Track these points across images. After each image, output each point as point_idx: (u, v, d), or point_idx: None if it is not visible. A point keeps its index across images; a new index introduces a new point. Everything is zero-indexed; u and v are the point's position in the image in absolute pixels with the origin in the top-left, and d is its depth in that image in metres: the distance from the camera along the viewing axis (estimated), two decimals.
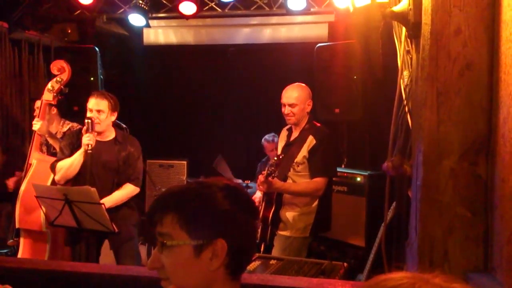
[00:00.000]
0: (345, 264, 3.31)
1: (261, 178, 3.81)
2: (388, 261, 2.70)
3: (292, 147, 3.97)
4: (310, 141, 3.87)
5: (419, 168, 1.89)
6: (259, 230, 4.13)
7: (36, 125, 4.34)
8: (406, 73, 2.28)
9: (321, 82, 5.43)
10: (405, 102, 2.24)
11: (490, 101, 1.83)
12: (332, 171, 4.00)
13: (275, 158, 3.76)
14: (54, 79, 4.38)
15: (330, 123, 5.61)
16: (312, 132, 3.91)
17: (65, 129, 4.75)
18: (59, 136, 4.67)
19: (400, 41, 2.25)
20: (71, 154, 3.82)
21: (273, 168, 3.72)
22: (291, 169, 3.92)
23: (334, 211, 4.38)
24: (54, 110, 4.70)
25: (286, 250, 3.91)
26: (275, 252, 3.96)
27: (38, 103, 4.46)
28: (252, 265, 3.23)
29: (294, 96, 3.91)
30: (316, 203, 3.93)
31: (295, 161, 3.89)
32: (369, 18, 1.99)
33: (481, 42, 1.83)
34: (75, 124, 4.84)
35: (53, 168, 3.87)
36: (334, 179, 4.96)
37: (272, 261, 3.36)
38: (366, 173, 4.89)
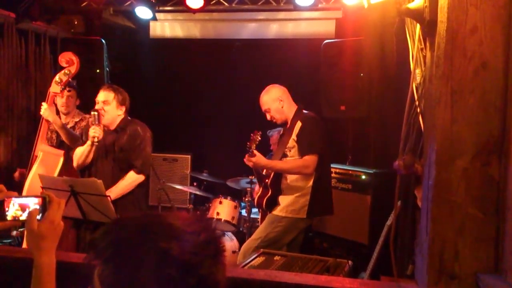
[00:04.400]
0: (350, 261, 3.31)
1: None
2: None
3: (284, 136, 4.19)
4: (297, 125, 4.05)
5: (432, 167, 1.87)
6: (260, 216, 4.25)
7: (44, 110, 4.29)
8: (418, 71, 2.26)
9: (327, 79, 5.43)
10: (417, 102, 2.23)
11: (504, 101, 1.82)
12: (320, 147, 4.03)
13: (251, 134, 3.94)
14: (62, 72, 4.34)
15: (336, 120, 5.62)
16: (299, 118, 4.09)
17: (77, 119, 4.74)
18: (70, 125, 4.67)
19: (413, 39, 2.24)
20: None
21: (248, 143, 3.91)
22: (284, 156, 4.09)
23: (338, 209, 4.38)
24: (78, 102, 4.74)
25: (272, 224, 4.03)
26: (260, 226, 4.14)
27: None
28: (256, 261, 3.23)
29: (262, 102, 4.18)
30: (310, 183, 4.03)
31: (287, 146, 4.06)
32: (384, 14, 1.98)
33: (497, 41, 1.81)
34: (87, 116, 4.84)
35: (72, 154, 3.98)
36: (338, 176, 4.99)
37: (276, 257, 3.37)
38: (371, 171, 4.88)
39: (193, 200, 5.97)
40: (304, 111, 4.15)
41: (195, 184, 5.87)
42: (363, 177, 4.89)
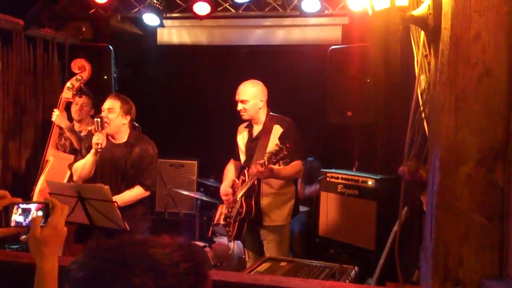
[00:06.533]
0: (356, 267, 3.31)
1: (259, 167, 3.70)
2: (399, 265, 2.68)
3: (259, 140, 4.09)
4: (277, 129, 4.03)
5: (436, 173, 1.88)
6: (236, 226, 4.06)
7: (56, 116, 4.43)
8: (423, 78, 2.27)
9: (334, 85, 5.43)
10: (421, 108, 2.23)
11: (508, 107, 1.82)
12: (305, 153, 4.21)
13: (287, 145, 3.55)
14: (74, 77, 4.45)
15: (342, 126, 5.62)
16: (275, 121, 4.08)
17: (90, 127, 4.78)
18: (83, 133, 4.71)
19: (418, 46, 2.25)
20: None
21: (273, 158, 3.57)
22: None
23: (344, 215, 4.37)
24: (93, 111, 4.80)
25: (282, 241, 4.10)
26: (271, 245, 4.08)
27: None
28: (262, 267, 3.23)
29: (245, 92, 4.10)
30: (293, 188, 4.14)
31: (267, 151, 3.86)
32: (388, 21, 1.99)
33: (500, 48, 1.82)
34: None
35: (70, 169, 3.96)
36: (345, 182, 5.00)
37: (283, 263, 3.36)
38: (378, 177, 4.86)
39: (199, 206, 5.98)
40: (272, 113, 4.16)
41: (201, 190, 5.88)
42: (370, 183, 4.88)
